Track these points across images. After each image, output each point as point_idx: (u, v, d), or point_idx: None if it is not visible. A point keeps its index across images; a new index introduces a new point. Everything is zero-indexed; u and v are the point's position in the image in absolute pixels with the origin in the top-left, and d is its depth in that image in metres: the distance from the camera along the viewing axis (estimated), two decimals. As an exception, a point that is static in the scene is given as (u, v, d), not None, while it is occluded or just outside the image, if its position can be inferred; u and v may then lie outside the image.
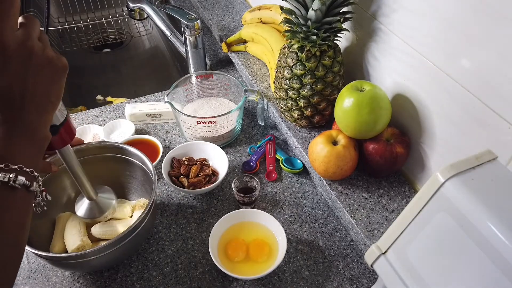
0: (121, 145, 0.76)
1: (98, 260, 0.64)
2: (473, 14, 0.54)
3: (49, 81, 0.45)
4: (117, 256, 0.69)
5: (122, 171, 0.79)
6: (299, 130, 0.88)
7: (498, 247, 0.38)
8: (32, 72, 0.43)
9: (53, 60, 0.45)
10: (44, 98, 0.45)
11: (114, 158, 0.77)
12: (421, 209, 0.45)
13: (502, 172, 0.43)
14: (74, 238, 0.70)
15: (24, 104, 0.43)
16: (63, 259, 0.64)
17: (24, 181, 0.43)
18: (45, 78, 0.44)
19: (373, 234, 0.69)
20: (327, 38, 0.74)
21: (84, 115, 1.02)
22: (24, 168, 0.43)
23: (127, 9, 1.20)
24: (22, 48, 0.42)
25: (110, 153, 0.77)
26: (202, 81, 0.99)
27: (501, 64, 0.53)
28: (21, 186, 0.42)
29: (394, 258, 0.50)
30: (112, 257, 0.67)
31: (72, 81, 1.47)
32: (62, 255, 0.64)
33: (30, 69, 0.43)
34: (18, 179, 0.42)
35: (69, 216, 0.75)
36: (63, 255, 0.64)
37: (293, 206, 0.83)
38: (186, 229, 0.79)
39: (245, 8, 1.29)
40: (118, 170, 0.79)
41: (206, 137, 0.92)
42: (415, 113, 0.71)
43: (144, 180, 0.77)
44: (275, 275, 0.72)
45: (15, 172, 0.42)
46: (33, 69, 0.43)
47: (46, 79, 0.44)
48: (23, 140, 0.43)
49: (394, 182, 0.77)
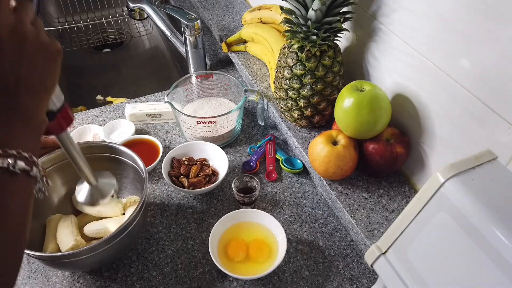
0: (111, 144, 0.76)
1: (92, 258, 0.64)
2: (472, 14, 0.54)
3: (43, 67, 0.44)
4: (111, 254, 0.69)
5: (113, 170, 0.78)
6: (299, 130, 0.88)
7: (498, 247, 0.38)
8: (26, 59, 0.42)
9: (47, 45, 0.44)
10: (39, 84, 0.44)
11: (104, 158, 0.77)
12: (421, 209, 0.45)
13: (502, 172, 0.43)
14: (68, 238, 0.70)
15: (19, 90, 0.42)
16: (57, 258, 0.64)
17: (23, 166, 0.42)
18: (40, 64, 0.44)
19: (373, 234, 0.69)
20: (327, 38, 0.74)
21: (84, 115, 1.02)
22: (23, 153, 0.43)
23: (127, 9, 1.20)
24: (15, 35, 0.41)
25: (100, 153, 0.77)
26: (202, 81, 0.99)
27: (501, 64, 0.53)
28: (21, 171, 0.42)
29: (394, 258, 0.50)
30: (106, 255, 0.67)
31: (72, 81, 1.48)
32: (56, 254, 0.64)
33: (24, 56, 0.42)
34: (18, 164, 0.42)
35: (60, 218, 0.75)
36: (57, 254, 0.64)
37: (293, 206, 0.83)
38: (186, 229, 0.79)
39: (245, 8, 1.29)
40: (109, 170, 0.78)
41: (206, 137, 0.92)
42: (415, 113, 0.71)
43: (135, 179, 0.77)
44: (275, 275, 0.72)
45: (14, 158, 0.41)
46: (27, 55, 0.42)
47: (41, 65, 0.44)
48: (19, 126, 0.43)
49: (394, 182, 0.77)
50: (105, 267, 0.73)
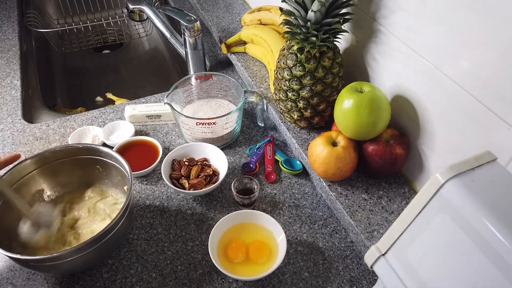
0: (96, 147, 0.76)
1: (71, 262, 0.63)
2: (472, 15, 0.54)
3: None
4: (91, 258, 0.68)
5: (96, 172, 0.79)
6: (298, 131, 0.88)
7: (497, 248, 0.38)
8: None
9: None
10: None
11: (87, 160, 0.77)
12: (421, 210, 0.45)
13: (501, 173, 0.43)
14: None
15: None
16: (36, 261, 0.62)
17: None
18: None
19: (372, 236, 0.69)
20: (327, 39, 0.74)
21: (83, 117, 1.02)
22: None
23: (127, 11, 1.20)
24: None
25: (81, 155, 0.77)
26: (201, 82, 1.00)
27: (501, 65, 0.53)
28: None
29: (394, 259, 0.50)
30: (87, 259, 0.66)
31: (72, 82, 1.48)
32: (36, 258, 0.61)
33: None
34: None
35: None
36: (37, 258, 0.61)
37: (292, 207, 0.83)
38: (186, 230, 0.79)
39: (244, 9, 1.29)
40: (92, 172, 0.79)
41: (206, 139, 0.92)
42: (415, 114, 0.71)
43: (120, 180, 0.77)
44: (275, 277, 0.72)
45: None
46: None
47: None
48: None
49: (393, 183, 0.77)
50: (104, 269, 0.72)
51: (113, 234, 0.65)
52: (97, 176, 0.80)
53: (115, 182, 0.79)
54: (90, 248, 0.63)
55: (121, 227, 0.67)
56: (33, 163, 0.74)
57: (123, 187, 0.78)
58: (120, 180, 0.78)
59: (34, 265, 0.64)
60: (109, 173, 0.78)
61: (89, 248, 0.63)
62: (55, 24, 1.65)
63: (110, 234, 0.65)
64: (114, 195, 0.80)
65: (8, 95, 1.09)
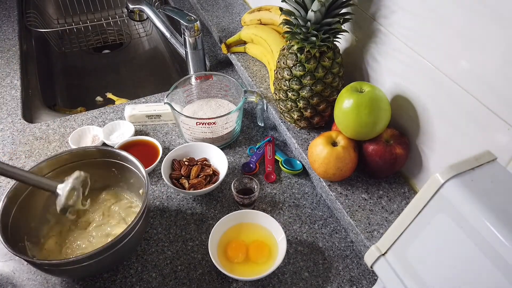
0: (113, 150, 0.76)
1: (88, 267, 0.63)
2: (472, 15, 0.54)
3: None
4: (108, 262, 0.68)
5: (111, 175, 0.79)
6: (298, 131, 0.88)
7: (497, 248, 0.38)
8: None
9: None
10: None
11: (106, 163, 0.77)
12: (421, 210, 0.45)
13: (501, 173, 0.44)
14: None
15: None
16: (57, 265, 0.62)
17: None
18: None
19: (372, 235, 0.69)
20: (327, 39, 0.74)
21: (83, 116, 1.02)
22: None
23: (127, 11, 1.20)
24: None
25: (97, 158, 0.77)
26: (201, 82, 0.99)
27: (500, 65, 0.53)
28: None
29: (394, 259, 0.50)
30: (103, 263, 0.66)
31: (72, 82, 1.48)
32: (51, 262, 0.62)
33: None
34: None
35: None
36: (52, 262, 0.62)
37: (292, 207, 0.83)
38: (186, 230, 0.79)
39: (244, 9, 1.29)
40: (108, 175, 0.79)
41: (206, 138, 0.92)
42: (415, 114, 0.71)
43: (135, 183, 0.77)
44: (275, 276, 0.72)
45: None
46: None
47: None
48: None
49: (393, 183, 0.77)
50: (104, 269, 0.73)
51: (130, 238, 0.65)
52: (112, 179, 0.79)
53: (130, 185, 0.79)
54: (107, 253, 0.62)
55: (138, 230, 0.67)
56: (49, 165, 0.74)
57: (138, 191, 0.77)
58: (134, 183, 0.77)
59: (49, 268, 0.64)
60: (124, 176, 0.78)
61: (106, 252, 0.62)
62: (55, 24, 1.65)
63: (127, 238, 0.64)
64: (129, 198, 0.80)
65: (8, 95, 1.09)
